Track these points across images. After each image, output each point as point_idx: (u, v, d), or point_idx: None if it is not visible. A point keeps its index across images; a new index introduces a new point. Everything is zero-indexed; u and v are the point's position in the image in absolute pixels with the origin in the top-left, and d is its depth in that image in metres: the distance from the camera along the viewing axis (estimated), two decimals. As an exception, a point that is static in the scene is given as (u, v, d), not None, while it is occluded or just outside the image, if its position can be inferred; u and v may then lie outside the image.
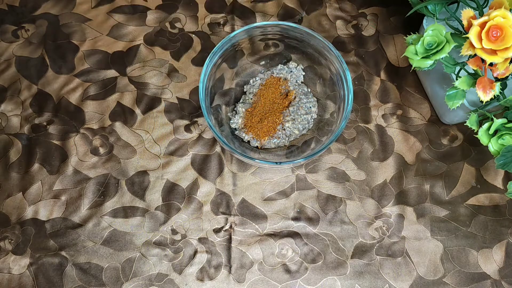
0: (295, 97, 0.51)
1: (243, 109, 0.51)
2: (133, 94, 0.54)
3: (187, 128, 0.52)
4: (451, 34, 0.40)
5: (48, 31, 0.56)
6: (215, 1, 0.58)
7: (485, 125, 0.40)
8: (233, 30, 0.56)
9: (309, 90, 0.52)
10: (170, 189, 0.50)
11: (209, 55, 0.46)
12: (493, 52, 0.36)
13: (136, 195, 0.50)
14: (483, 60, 0.38)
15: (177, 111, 0.53)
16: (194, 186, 0.50)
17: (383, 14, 0.57)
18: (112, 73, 0.55)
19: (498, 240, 0.48)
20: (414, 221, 0.49)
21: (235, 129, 0.51)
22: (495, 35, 0.35)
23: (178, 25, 0.57)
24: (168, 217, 0.49)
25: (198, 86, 0.53)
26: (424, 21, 0.47)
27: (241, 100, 0.52)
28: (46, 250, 0.48)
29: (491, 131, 0.39)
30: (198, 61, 0.55)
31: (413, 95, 0.54)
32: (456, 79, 0.40)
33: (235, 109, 0.52)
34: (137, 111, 0.53)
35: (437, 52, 0.39)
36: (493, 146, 0.39)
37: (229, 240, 0.48)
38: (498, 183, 0.50)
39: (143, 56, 0.55)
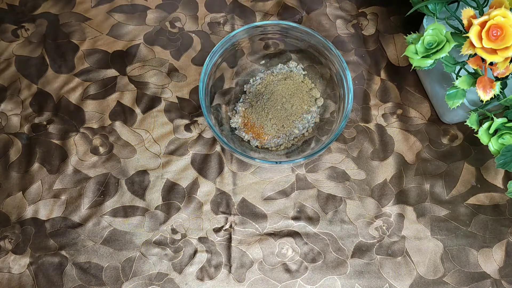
0: None
1: (243, 109, 0.51)
2: (133, 94, 0.54)
3: (187, 128, 0.52)
4: (451, 33, 0.40)
5: (48, 30, 0.56)
6: (215, 0, 0.58)
7: (485, 125, 0.40)
8: (233, 29, 0.56)
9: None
10: (170, 189, 0.50)
11: (209, 54, 0.46)
12: (493, 51, 0.36)
13: (136, 194, 0.50)
14: (483, 60, 0.38)
15: (177, 110, 0.53)
16: (194, 185, 0.50)
17: (383, 14, 0.57)
18: (112, 72, 0.55)
19: (498, 239, 0.48)
20: (414, 220, 0.49)
21: (235, 128, 0.51)
22: (495, 34, 0.35)
23: (178, 24, 0.57)
24: (168, 217, 0.49)
25: (198, 86, 0.53)
26: (424, 20, 0.47)
27: (241, 100, 0.52)
28: (46, 249, 0.48)
29: (491, 130, 0.39)
30: (198, 61, 0.55)
31: (413, 94, 0.54)
32: (456, 79, 0.40)
33: (235, 108, 0.52)
34: (137, 110, 0.53)
35: (437, 51, 0.39)
36: (493, 145, 0.39)
37: (229, 239, 0.48)
38: (498, 182, 0.50)
39: (143, 56, 0.55)
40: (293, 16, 0.57)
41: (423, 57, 0.40)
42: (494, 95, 0.38)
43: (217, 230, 0.49)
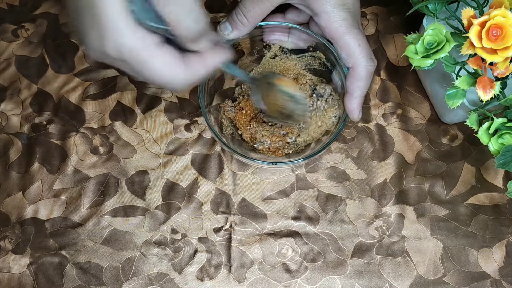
0: None
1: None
2: (133, 94, 0.54)
3: (187, 128, 0.52)
4: (451, 33, 0.40)
5: (48, 30, 0.56)
6: (215, 0, 0.58)
7: (485, 125, 0.40)
8: (233, 29, 0.56)
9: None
10: (170, 189, 0.50)
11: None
12: (493, 51, 0.36)
13: (136, 194, 0.50)
14: (483, 60, 0.38)
15: (177, 110, 0.53)
16: (194, 185, 0.50)
17: (383, 14, 0.57)
18: (112, 72, 0.54)
19: (498, 239, 0.48)
20: (414, 220, 0.49)
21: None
22: (495, 34, 0.35)
23: (178, 24, 0.57)
24: (168, 217, 0.49)
25: (198, 86, 0.53)
26: (424, 20, 0.47)
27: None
28: (46, 249, 0.48)
29: (491, 130, 0.39)
30: (198, 61, 0.55)
31: (413, 94, 0.54)
32: (456, 79, 0.40)
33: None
34: (137, 110, 0.53)
35: (437, 51, 0.39)
36: (493, 145, 0.39)
37: (229, 239, 0.48)
38: (498, 182, 0.50)
39: (143, 56, 0.55)
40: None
41: (423, 57, 0.40)
42: (494, 95, 0.38)
43: (217, 230, 0.49)
